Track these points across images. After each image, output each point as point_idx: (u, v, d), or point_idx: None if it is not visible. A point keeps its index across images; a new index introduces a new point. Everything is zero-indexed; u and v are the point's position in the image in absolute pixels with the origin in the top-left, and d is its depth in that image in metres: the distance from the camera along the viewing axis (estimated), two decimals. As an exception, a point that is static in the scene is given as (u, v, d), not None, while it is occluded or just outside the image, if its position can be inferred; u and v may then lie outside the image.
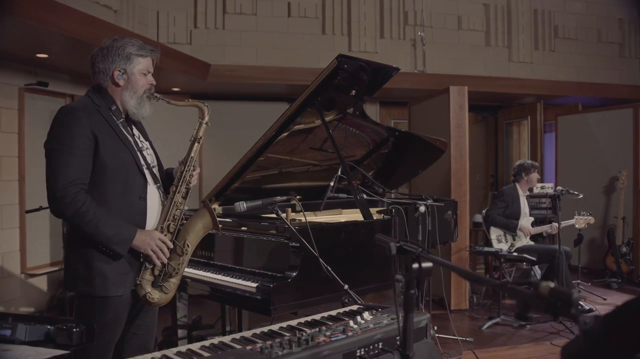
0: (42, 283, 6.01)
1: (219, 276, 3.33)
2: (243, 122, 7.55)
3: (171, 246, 2.64)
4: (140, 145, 2.73)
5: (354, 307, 2.48)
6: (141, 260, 2.62)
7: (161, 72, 6.28)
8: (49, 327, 2.15)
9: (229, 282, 3.23)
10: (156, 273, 2.63)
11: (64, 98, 6.16)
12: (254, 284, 3.05)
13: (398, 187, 5.28)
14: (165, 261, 2.62)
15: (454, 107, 6.12)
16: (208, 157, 7.36)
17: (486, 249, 6.09)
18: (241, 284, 3.13)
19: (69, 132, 2.49)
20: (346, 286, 2.66)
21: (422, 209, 4.11)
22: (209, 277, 3.38)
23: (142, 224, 2.64)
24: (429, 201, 4.29)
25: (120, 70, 2.64)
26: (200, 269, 3.51)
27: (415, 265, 1.55)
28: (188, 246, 2.67)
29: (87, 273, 2.53)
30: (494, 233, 6.16)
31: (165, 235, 2.64)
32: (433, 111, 6.62)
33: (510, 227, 6.09)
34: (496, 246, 6.07)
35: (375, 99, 8.38)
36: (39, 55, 5.38)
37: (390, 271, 1.59)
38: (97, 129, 2.53)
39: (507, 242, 6.13)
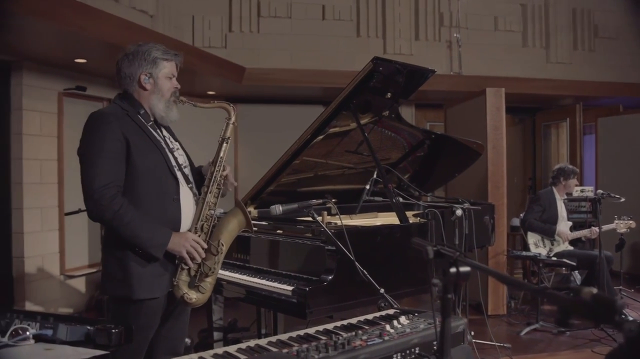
0: (80, 284, 6.12)
1: (255, 279, 3.33)
2: (278, 126, 7.56)
3: (205, 246, 2.65)
4: (171, 146, 2.76)
5: (390, 311, 2.45)
6: (176, 262, 2.64)
7: (196, 76, 6.34)
8: (88, 328, 2.17)
9: (265, 285, 3.23)
10: (192, 273, 2.65)
11: (101, 102, 6.27)
12: (290, 288, 3.04)
13: (434, 191, 5.23)
14: (200, 260, 2.63)
15: (490, 109, 6.04)
16: (243, 161, 7.41)
17: (524, 253, 5.98)
18: (277, 288, 3.13)
19: (100, 136, 2.54)
20: (382, 290, 2.64)
21: (459, 212, 4.06)
22: (245, 280, 3.39)
23: (177, 226, 2.66)
24: (466, 205, 4.24)
25: (146, 75, 2.70)
26: (236, 272, 3.52)
27: (453, 269, 1.53)
28: (222, 245, 2.68)
29: (124, 275, 2.55)
30: (532, 238, 6.04)
31: (199, 235, 2.65)
32: (469, 113, 6.55)
33: (548, 233, 5.97)
34: (534, 250, 5.95)
35: (411, 101, 8.33)
36: (77, 60, 5.49)
37: (427, 275, 1.56)
38: (127, 132, 2.58)
39: (545, 246, 6.01)
